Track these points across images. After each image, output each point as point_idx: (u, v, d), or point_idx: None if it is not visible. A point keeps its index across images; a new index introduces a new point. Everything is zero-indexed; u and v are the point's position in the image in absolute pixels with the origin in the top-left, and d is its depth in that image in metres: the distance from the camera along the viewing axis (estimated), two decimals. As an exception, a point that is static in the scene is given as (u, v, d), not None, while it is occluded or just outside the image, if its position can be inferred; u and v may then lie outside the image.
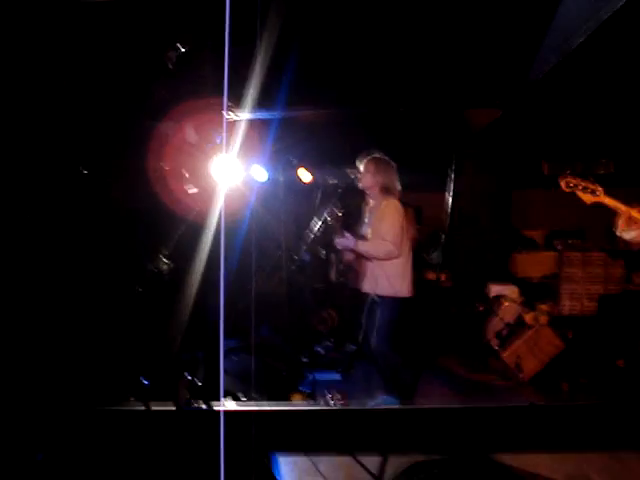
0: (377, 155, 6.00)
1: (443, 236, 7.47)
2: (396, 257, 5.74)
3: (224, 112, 4.38)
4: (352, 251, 5.97)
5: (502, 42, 5.43)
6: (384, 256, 5.73)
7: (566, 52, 4.99)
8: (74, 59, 4.99)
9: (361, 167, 5.98)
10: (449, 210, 3.15)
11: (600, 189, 4.23)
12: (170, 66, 3.27)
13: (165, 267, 4.19)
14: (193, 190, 4.38)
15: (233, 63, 2.96)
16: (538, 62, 5.79)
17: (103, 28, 4.60)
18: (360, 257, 5.96)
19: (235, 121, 5.85)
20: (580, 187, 4.24)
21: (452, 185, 3.18)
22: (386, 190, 5.89)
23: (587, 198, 4.23)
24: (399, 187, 5.98)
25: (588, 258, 7.34)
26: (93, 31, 4.61)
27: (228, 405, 2.03)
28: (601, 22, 4.31)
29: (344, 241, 5.94)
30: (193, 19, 4.30)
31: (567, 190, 4.25)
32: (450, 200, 3.00)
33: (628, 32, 4.66)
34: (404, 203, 8.29)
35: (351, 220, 8.71)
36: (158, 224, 4.96)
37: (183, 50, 2.92)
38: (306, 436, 2.08)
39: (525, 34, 5.49)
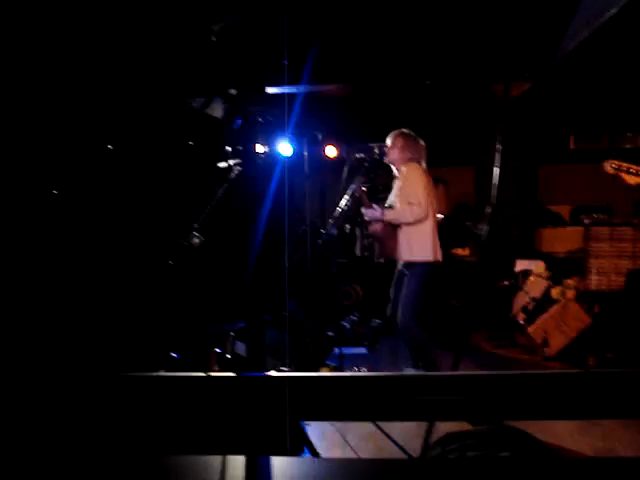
0: (405, 130, 5.98)
1: (490, 209, 7.42)
2: (425, 218, 5.73)
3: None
4: (380, 221, 5.97)
5: (532, 15, 5.38)
6: (413, 219, 5.72)
7: (597, 25, 4.93)
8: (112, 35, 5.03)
9: (389, 141, 5.97)
10: (496, 183, 3.17)
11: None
12: (213, 38, 3.28)
13: (197, 241, 4.23)
14: (223, 164, 4.41)
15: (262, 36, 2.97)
16: (568, 36, 5.73)
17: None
18: (386, 228, 5.96)
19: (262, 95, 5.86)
20: (624, 169, 4.24)
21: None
22: (410, 161, 5.88)
23: (633, 180, 4.21)
24: (425, 161, 5.96)
25: (616, 232, 7.27)
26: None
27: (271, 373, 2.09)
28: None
29: (371, 211, 5.95)
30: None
31: (611, 172, 4.27)
32: (497, 174, 2.99)
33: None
34: (434, 179, 8.31)
35: (377, 194, 8.74)
36: (191, 198, 5.01)
37: (225, 23, 2.94)
38: (335, 405, 2.13)
39: (556, 7, 5.43)
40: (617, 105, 8.60)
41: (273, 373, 1.95)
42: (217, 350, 5.63)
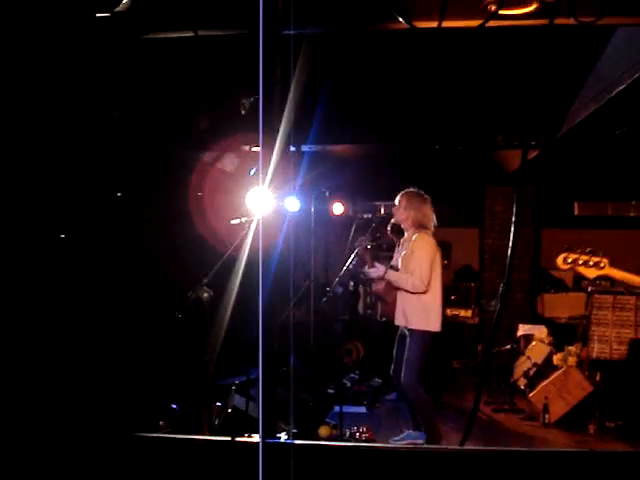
0: (411, 189, 6.05)
1: (502, 286, 7.50)
2: (423, 292, 5.78)
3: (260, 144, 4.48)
4: (382, 279, 6.02)
5: (542, 87, 5.50)
6: (411, 289, 5.77)
7: (605, 100, 5.05)
8: (121, 90, 5.15)
9: (396, 201, 6.06)
10: (509, 253, 3.16)
11: (605, 260, 3.78)
12: (243, 112, 3.39)
13: (206, 295, 4.28)
14: (236, 221, 4.48)
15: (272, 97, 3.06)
16: (576, 107, 5.87)
17: (151, 62, 4.75)
18: (390, 289, 6.01)
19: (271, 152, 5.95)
20: (580, 262, 3.80)
21: (513, 225, 3.17)
22: (419, 224, 5.94)
23: (590, 273, 3.79)
24: (434, 221, 6.02)
25: (619, 301, 7.30)
26: (141, 64, 4.75)
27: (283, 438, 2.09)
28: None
29: (374, 270, 6.00)
30: (230, 56, 4.44)
31: (565, 267, 3.81)
32: (511, 241, 3.00)
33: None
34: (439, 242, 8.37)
35: (380, 253, 8.79)
36: (201, 252, 5.06)
37: (256, 98, 3.03)
38: (337, 473, 2.13)
39: (565, 81, 5.57)
40: (622, 174, 8.71)
41: (288, 440, 1.97)
42: (218, 404, 5.63)
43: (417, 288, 5.75)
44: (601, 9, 2.73)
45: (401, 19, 2.58)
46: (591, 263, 3.77)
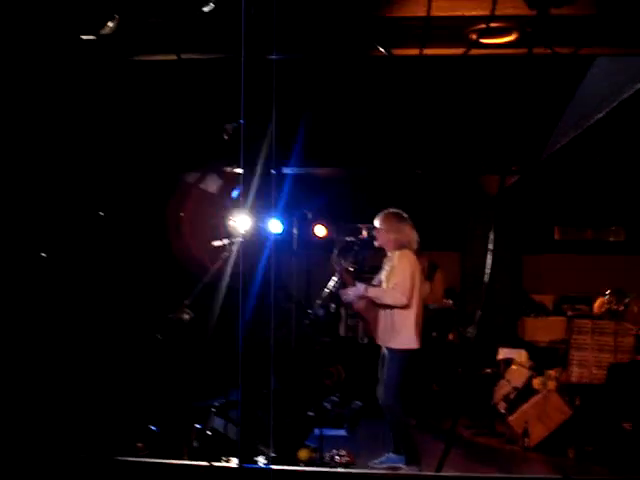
0: (392, 211, 6.07)
1: (479, 313, 7.56)
2: (405, 306, 5.79)
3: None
4: (362, 298, 6.01)
5: (523, 115, 5.58)
6: (392, 303, 5.77)
7: (584, 127, 5.13)
8: (106, 109, 5.16)
9: (376, 223, 6.06)
10: (485, 280, 3.17)
11: None
12: (226, 137, 3.40)
13: (186, 317, 4.26)
14: (218, 243, 4.48)
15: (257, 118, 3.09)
16: (556, 134, 5.95)
17: (137, 84, 4.77)
18: (371, 307, 6.00)
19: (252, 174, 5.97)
20: None
21: (490, 252, 3.18)
22: (400, 246, 5.95)
23: None
24: (416, 242, 6.04)
25: (598, 326, 7.35)
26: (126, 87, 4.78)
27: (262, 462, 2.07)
28: (621, 100, 4.45)
29: (354, 288, 5.99)
30: (215, 79, 4.48)
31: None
32: (488, 268, 3.02)
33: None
34: (434, 265, 8.39)
35: (362, 275, 8.81)
36: (183, 274, 5.06)
37: (238, 123, 3.06)
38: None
39: (546, 108, 5.66)
40: (601, 199, 8.81)
41: (267, 465, 1.96)
42: (197, 426, 5.59)
43: (399, 301, 5.74)
44: (580, 40, 2.78)
45: (381, 48, 2.63)
46: None
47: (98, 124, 5.07)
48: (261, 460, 2.31)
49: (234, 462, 2.04)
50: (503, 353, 8.37)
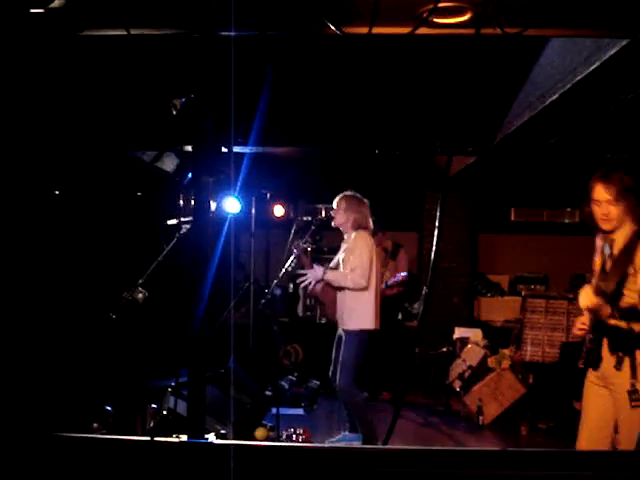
0: (349, 193, 6.10)
1: (425, 288, 7.61)
2: (364, 288, 5.83)
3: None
4: (320, 281, 6.04)
5: (478, 94, 5.62)
6: (352, 286, 5.81)
7: (538, 108, 5.17)
8: (57, 86, 5.07)
9: (334, 205, 6.08)
10: (432, 257, 3.17)
11: None
12: (174, 112, 3.36)
13: (140, 296, 4.23)
14: (172, 221, 4.45)
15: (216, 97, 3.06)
16: (511, 116, 6.00)
17: (90, 59, 4.69)
18: (328, 289, 6.03)
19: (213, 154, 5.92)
20: None
21: (437, 229, 3.19)
22: (358, 226, 5.99)
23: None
24: (372, 223, 6.10)
25: (551, 305, 7.49)
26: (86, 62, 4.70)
27: (210, 438, 2.09)
28: (574, 82, 4.49)
29: (312, 272, 6.01)
30: (168, 55, 4.42)
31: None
32: (434, 246, 3.02)
33: (599, 91, 4.87)
34: (397, 245, 8.45)
35: (321, 255, 8.83)
36: (137, 253, 5.01)
37: (187, 98, 3.02)
38: (273, 473, 2.14)
39: (501, 89, 5.70)
40: (557, 181, 8.92)
41: (216, 440, 1.96)
42: (153, 406, 5.57)
43: (358, 284, 5.79)
44: (530, 20, 2.80)
45: (331, 25, 2.61)
46: None
47: (48, 100, 4.98)
48: (211, 437, 2.32)
49: (183, 439, 2.06)
50: (459, 332, 8.48)
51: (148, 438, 1.93)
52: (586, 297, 3.71)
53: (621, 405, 3.61)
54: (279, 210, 9.45)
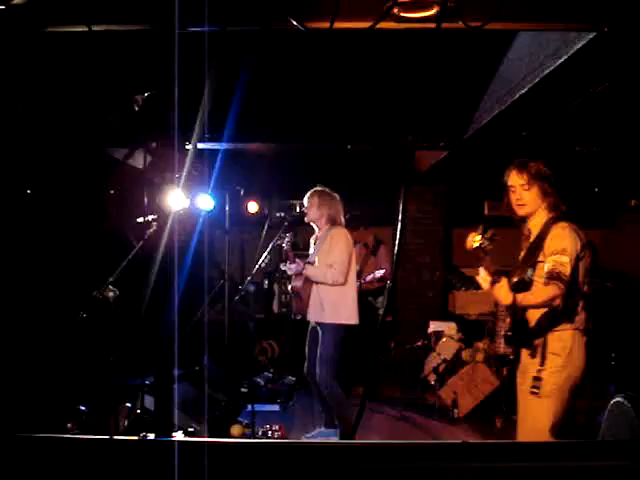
0: (319, 188, 6.11)
1: (389, 282, 7.64)
2: (342, 284, 5.85)
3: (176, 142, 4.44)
4: (300, 275, 6.04)
5: (449, 89, 5.64)
6: (331, 282, 5.82)
7: (508, 102, 5.21)
8: (25, 84, 5.01)
9: (306, 201, 6.08)
10: (395, 252, 3.18)
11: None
12: (136, 108, 3.33)
13: (111, 294, 4.20)
14: (141, 219, 4.42)
15: (186, 94, 3.05)
16: (482, 109, 6.03)
17: (60, 57, 4.64)
18: (308, 285, 6.03)
19: (184, 151, 5.90)
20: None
21: (400, 222, 3.19)
22: (332, 221, 6.00)
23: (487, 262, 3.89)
24: (343, 219, 6.11)
25: (524, 299, 7.53)
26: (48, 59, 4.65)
27: (179, 436, 2.07)
28: (543, 76, 4.52)
29: (294, 265, 6.01)
30: (144, 51, 4.38)
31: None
32: (397, 239, 3.02)
33: (567, 85, 4.91)
34: (379, 241, 8.46)
35: (296, 251, 8.81)
36: (109, 251, 4.97)
37: (149, 94, 3.00)
38: (246, 469, 2.13)
39: (471, 83, 5.72)
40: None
41: (183, 438, 1.95)
42: (127, 405, 5.54)
43: (337, 281, 5.82)
44: (495, 14, 2.81)
45: (293, 21, 2.61)
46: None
47: (15, 98, 4.92)
48: (179, 435, 2.31)
49: (151, 437, 2.04)
50: (434, 326, 8.52)
51: (108, 437, 1.91)
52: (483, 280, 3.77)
53: (524, 390, 3.70)
54: (253, 207, 9.44)
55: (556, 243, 3.62)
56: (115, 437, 1.95)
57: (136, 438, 2.04)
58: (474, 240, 3.73)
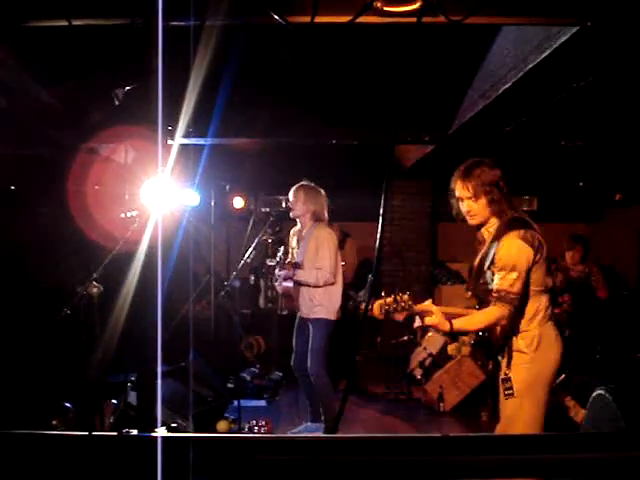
0: (305, 183, 6.09)
1: (370, 277, 7.64)
2: (332, 284, 5.88)
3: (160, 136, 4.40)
4: (290, 279, 6.03)
5: (434, 83, 5.64)
6: (322, 284, 5.84)
7: (493, 96, 5.21)
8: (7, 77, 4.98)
9: (291, 196, 6.05)
10: (377, 246, 3.15)
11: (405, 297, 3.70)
12: (117, 102, 3.32)
13: (95, 290, 4.19)
14: (124, 214, 4.40)
15: (170, 89, 3.03)
16: (467, 104, 6.04)
17: (37, 48, 4.61)
18: (298, 285, 6.03)
19: (169, 146, 5.86)
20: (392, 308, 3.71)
21: (381, 217, 3.16)
22: (316, 217, 6.00)
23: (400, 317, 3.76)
24: (327, 215, 6.10)
25: (509, 293, 7.55)
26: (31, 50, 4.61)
27: (161, 432, 2.06)
28: (526, 70, 4.53)
29: (284, 272, 6.01)
30: (128, 43, 4.35)
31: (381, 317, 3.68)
32: (379, 233, 3.01)
33: (551, 79, 4.92)
34: (345, 234, 8.44)
35: (279, 247, 8.80)
36: (90, 247, 4.95)
37: (130, 88, 2.98)
38: (234, 464, 2.13)
39: (456, 77, 5.73)
40: (514, 169, 8.98)
41: (165, 433, 1.94)
42: (113, 401, 5.53)
43: (327, 281, 5.85)
44: (476, 8, 2.81)
45: (274, 15, 2.59)
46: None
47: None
48: (162, 430, 2.30)
49: (134, 433, 2.03)
50: (420, 321, 8.51)
51: (86, 433, 1.90)
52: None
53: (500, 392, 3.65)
54: (238, 202, 9.42)
55: (505, 259, 3.49)
56: (94, 433, 1.92)
57: (116, 434, 2.03)
58: (381, 307, 3.61)
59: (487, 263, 3.61)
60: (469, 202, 3.67)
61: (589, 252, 7.39)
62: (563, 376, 5.63)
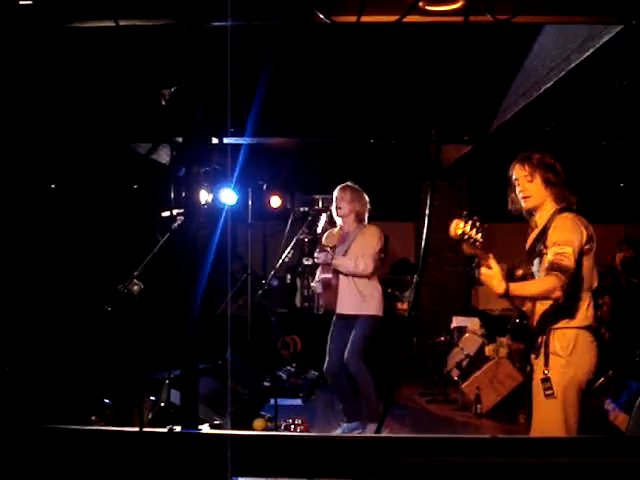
0: (350, 184, 6.09)
1: (416, 277, 7.63)
2: (369, 275, 5.91)
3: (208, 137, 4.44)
4: (327, 267, 6.04)
5: (474, 83, 5.60)
6: (361, 270, 5.83)
7: (533, 96, 5.16)
8: (51, 79, 5.05)
9: (337, 194, 6.04)
10: (423, 245, 3.10)
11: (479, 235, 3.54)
12: (163, 102, 3.35)
13: (136, 288, 4.21)
14: (167, 213, 4.43)
15: (213, 89, 3.05)
16: (507, 103, 5.99)
17: (82, 51, 4.67)
18: (335, 277, 6.03)
19: (213, 145, 5.92)
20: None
21: (427, 217, 3.11)
22: (359, 219, 6.02)
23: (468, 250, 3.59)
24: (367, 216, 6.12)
25: (548, 294, 7.47)
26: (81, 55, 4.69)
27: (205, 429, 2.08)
28: (569, 69, 4.48)
29: (323, 255, 6.01)
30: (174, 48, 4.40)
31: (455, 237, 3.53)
32: (425, 234, 2.97)
33: (593, 78, 4.87)
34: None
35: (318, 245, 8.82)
36: (133, 245, 5.00)
37: (176, 88, 3.01)
38: (270, 462, 2.14)
39: (496, 77, 5.68)
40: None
41: (208, 430, 1.96)
42: (151, 398, 5.57)
43: (367, 269, 5.87)
44: (521, 7, 2.78)
45: (320, 14, 2.60)
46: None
47: (42, 93, 4.96)
48: (205, 427, 2.32)
49: (177, 429, 2.06)
50: (457, 321, 8.48)
51: (137, 429, 1.93)
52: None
53: (536, 392, 3.59)
54: (276, 201, 9.45)
55: (558, 234, 3.47)
56: (144, 429, 1.95)
57: (164, 430, 2.05)
58: (457, 227, 3.54)
59: (539, 246, 3.58)
60: (524, 182, 3.68)
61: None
62: (602, 379, 5.57)
